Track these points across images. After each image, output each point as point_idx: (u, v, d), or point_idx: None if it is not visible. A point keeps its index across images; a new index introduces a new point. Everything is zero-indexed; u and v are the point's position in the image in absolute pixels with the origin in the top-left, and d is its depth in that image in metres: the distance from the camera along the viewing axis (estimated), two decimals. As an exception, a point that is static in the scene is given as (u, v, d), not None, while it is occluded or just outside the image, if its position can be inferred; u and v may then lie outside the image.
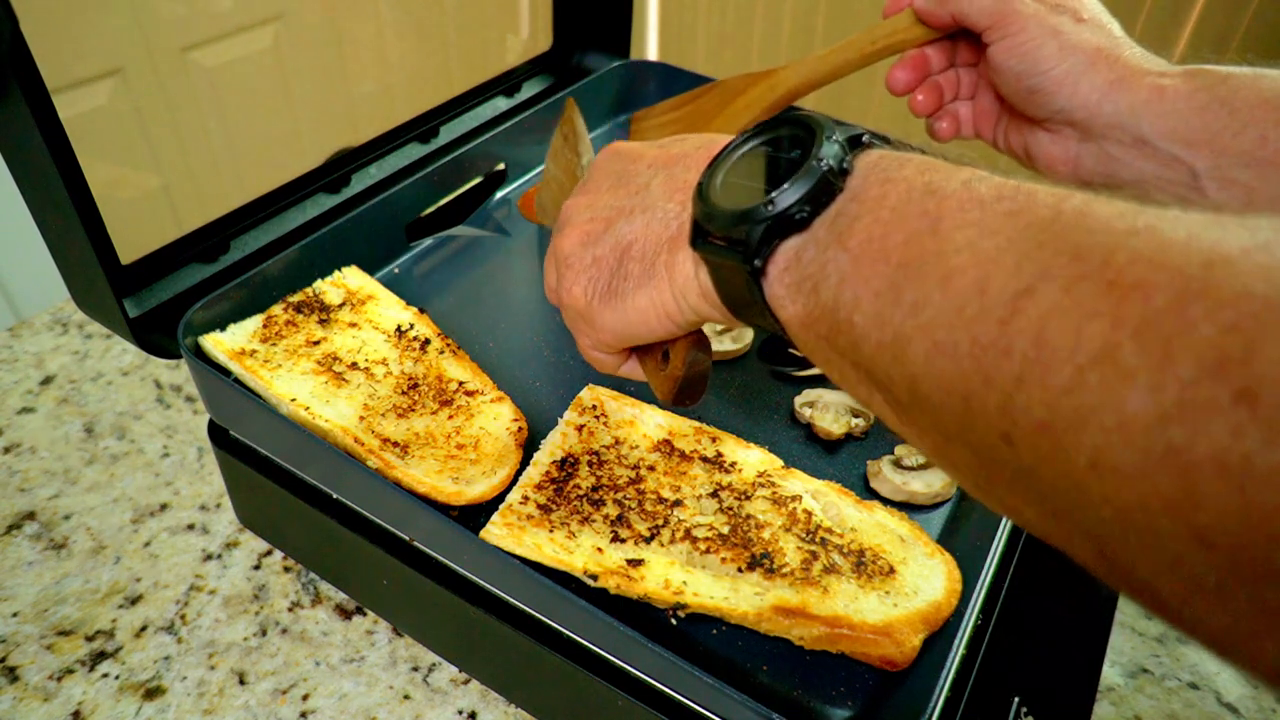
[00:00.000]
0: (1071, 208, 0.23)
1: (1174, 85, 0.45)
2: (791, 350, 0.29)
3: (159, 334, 0.54)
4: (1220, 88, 0.44)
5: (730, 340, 0.60)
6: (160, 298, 0.56)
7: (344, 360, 0.55)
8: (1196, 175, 0.46)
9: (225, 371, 0.53)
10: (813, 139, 0.31)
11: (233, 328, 0.55)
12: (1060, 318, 0.21)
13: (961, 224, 0.25)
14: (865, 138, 0.31)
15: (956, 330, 0.24)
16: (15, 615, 0.57)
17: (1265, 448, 0.17)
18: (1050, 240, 0.22)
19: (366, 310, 0.59)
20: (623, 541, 0.46)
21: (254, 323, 0.56)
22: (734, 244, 0.31)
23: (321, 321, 0.58)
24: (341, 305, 0.60)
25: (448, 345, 0.58)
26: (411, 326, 0.59)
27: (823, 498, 0.49)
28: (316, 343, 0.56)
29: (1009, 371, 0.22)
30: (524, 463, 0.51)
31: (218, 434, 0.56)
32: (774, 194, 0.30)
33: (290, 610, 0.58)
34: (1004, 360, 0.22)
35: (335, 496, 0.51)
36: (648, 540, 0.46)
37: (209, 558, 0.61)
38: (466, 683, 0.54)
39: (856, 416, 0.55)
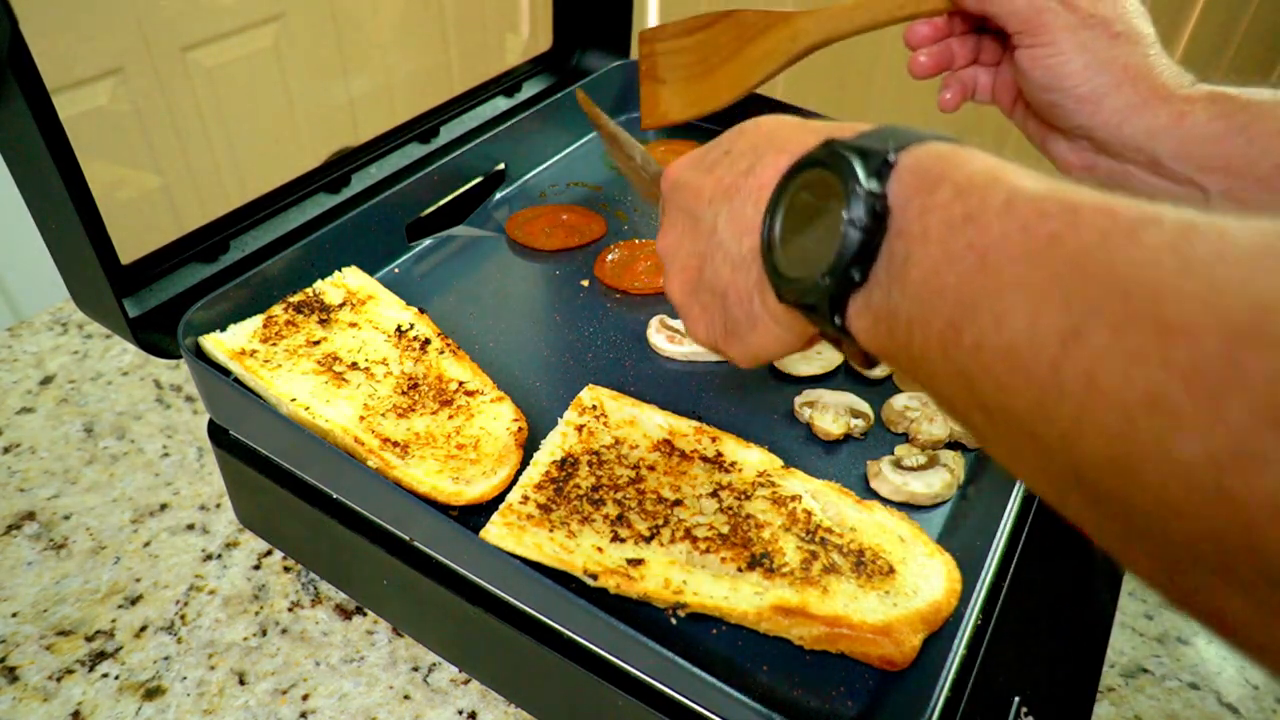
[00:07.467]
0: (1121, 231, 0.22)
1: (1193, 112, 0.45)
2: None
3: (159, 334, 0.54)
4: (1240, 115, 0.44)
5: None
6: (160, 298, 0.56)
7: (344, 360, 0.55)
8: (1209, 196, 0.46)
9: (225, 371, 0.53)
10: (844, 186, 0.30)
11: (233, 328, 0.55)
12: (1109, 361, 0.21)
13: (1009, 257, 0.25)
14: (891, 155, 0.30)
15: (1015, 372, 0.23)
16: (15, 615, 0.57)
17: None
18: (1098, 274, 0.22)
19: (366, 310, 0.59)
20: (623, 541, 0.46)
21: (254, 323, 0.56)
22: (809, 308, 0.32)
23: (321, 321, 0.58)
24: (341, 305, 0.60)
25: (448, 345, 0.58)
26: (411, 326, 0.59)
27: (822, 497, 0.49)
28: (316, 343, 0.56)
29: (1066, 413, 0.22)
30: (524, 463, 0.51)
31: (218, 434, 0.56)
32: (824, 268, 0.30)
33: (290, 610, 0.58)
34: (1060, 402, 0.22)
35: (335, 496, 0.51)
36: (648, 540, 0.46)
37: (209, 558, 0.61)
38: (466, 683, 0.54)
39: (856, 417, 0.55)
